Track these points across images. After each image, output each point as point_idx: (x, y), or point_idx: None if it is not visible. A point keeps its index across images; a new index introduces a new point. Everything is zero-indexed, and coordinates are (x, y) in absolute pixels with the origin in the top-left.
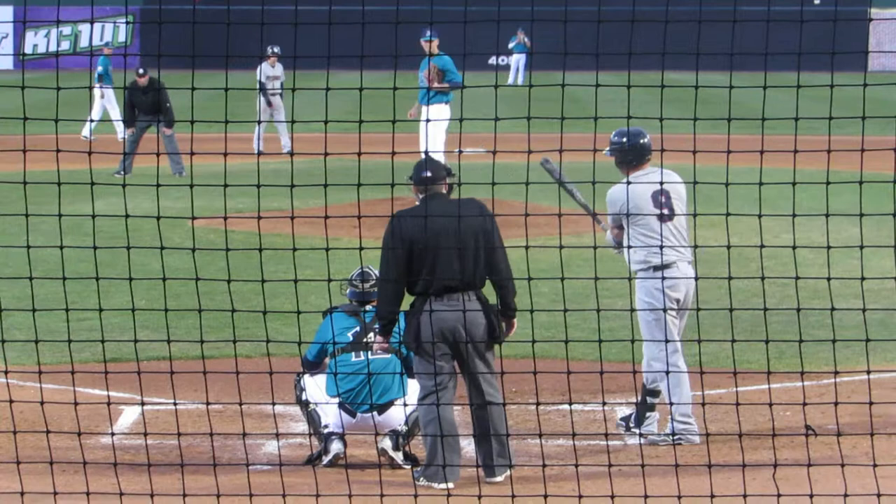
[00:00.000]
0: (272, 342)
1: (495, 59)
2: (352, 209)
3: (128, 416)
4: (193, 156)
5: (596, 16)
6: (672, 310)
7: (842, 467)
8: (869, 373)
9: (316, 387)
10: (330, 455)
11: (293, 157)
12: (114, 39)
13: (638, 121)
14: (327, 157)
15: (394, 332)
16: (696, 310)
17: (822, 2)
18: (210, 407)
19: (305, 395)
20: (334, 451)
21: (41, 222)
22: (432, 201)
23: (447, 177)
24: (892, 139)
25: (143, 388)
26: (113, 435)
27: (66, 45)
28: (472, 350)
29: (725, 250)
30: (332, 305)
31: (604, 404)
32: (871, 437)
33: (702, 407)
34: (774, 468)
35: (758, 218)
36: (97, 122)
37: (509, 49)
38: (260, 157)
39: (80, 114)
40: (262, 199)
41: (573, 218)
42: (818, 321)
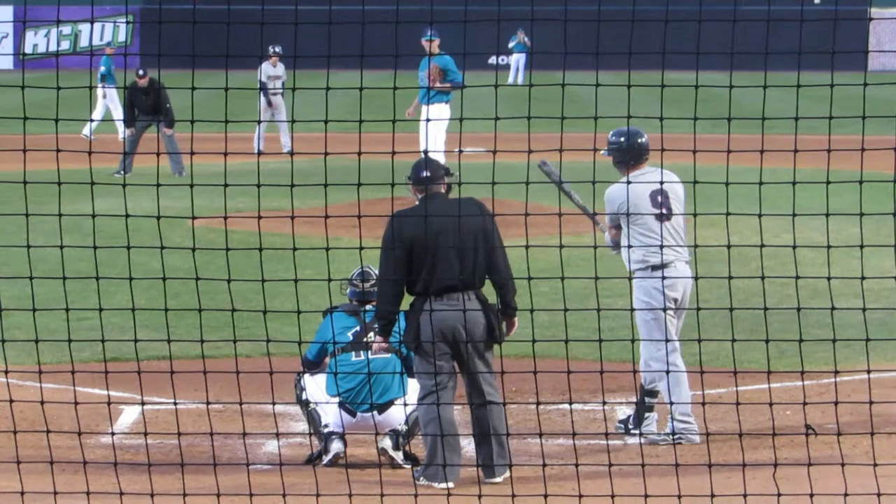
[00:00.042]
0: (272, 342)
1: (495, 58)
2: (352, 209)
3: (128, 416)
4: (194, 155)
5: (596, 16)
6: (670, 309)
7: (842, 467)
8: (869, 372)
9: (316, 386)
10: (330, 455)
11: (293, 157)
12: (114, 39)
13: (638, 120)
14: (327, 156)
15: (394, 331)
16: (696, 309)
17: (822, 1)
18: (210, 406)
19: (305, 395)
20: (334, 450)
21: (41, 222)
22: (432, 201)
23: (445, 176)
24: (892, 139)
25: (143, 388)
26: (113, 434)
27: (66, 44)
28: (471, 350)
29: (725, 250)
30: (332, 305)
31: (604, 404)
32: (871, 436)
33: (702, 406)
34: (774, 467)
35: (758, 217)
36: (99, 122)
37: (509, 49)
38: (260, 156)
39: (80, 113)
40: (263, 198)
41: (573, 218)
42: (818, 321)
